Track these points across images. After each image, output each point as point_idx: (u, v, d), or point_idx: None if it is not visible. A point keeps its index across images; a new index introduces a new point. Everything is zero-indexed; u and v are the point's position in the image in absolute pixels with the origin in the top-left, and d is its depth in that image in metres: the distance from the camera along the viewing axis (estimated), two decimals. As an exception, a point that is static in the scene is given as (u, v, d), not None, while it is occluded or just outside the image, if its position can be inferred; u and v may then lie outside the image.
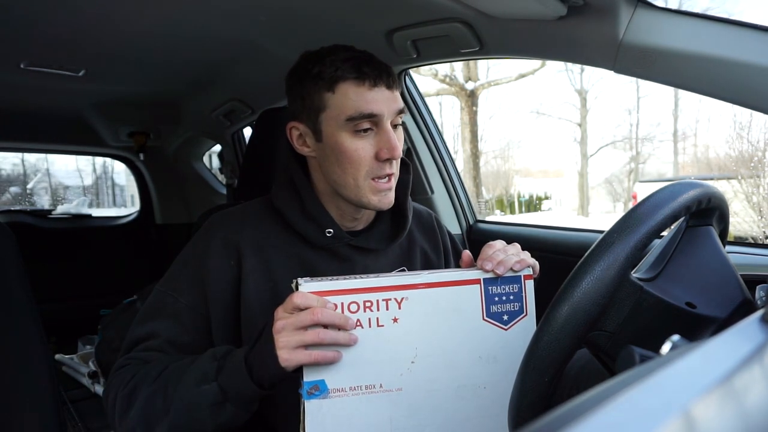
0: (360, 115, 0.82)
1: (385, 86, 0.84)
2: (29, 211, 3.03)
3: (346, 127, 0.83)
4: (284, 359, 0.69)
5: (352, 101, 0.82)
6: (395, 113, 0.85)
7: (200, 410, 0.74)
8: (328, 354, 0.70)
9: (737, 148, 4.84)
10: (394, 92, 0.85)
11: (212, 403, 0.74)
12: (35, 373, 0.95)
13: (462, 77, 10.21)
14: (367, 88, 0.82)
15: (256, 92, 2.00)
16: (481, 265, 0.78)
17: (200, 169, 3.00)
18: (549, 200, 16.75)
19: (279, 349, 0.69)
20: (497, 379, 0.76)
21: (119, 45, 1.54)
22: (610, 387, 0.30)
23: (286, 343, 0.69)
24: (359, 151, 0.84)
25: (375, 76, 0.83)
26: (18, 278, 0.99)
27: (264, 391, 0.73)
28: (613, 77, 9.00)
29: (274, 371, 0.70)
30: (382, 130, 0.84)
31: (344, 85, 0.83)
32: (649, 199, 0.59)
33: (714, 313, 0.61)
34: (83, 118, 2.42)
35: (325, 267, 0.91)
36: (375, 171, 0.85)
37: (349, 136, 0.84)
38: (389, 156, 0.84)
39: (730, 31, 0.89)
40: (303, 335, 0.68)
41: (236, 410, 0.74)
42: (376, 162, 0.85)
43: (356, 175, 0.85)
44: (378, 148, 0.84)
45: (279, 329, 0.70)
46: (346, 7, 1.24)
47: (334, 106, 0.83)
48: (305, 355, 0.69)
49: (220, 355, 0.77)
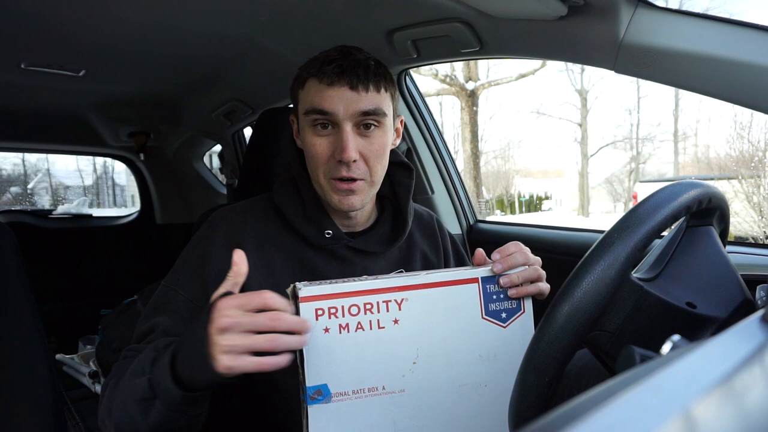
0: (313, 110, 0.84)
1: (347, 86, 0.83)
2: (30, 211, 3.04)
3: (305, 121, 0.86)
4: (226, 366, 0.59)
5: (310, 96, 0.85)
6: (356, 114, 0.84)
7: (130, 406, 0.67)
8: (281, 360, 0.61)
9: (738, 148, 4.85)
10: (360, 93, 0.83)
11: (140, 399, 0.66)
12: (35, 373, 0.95)
13: (462, 77, 10.22)
14: (325, 85, 0.83)
15: (256, 92, 2.00)
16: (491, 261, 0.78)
17: (200, 169, 3.00)
18: (549, 200, 16.76)
19: (220, 353, 0.59)
20: (498, 377, 0.76)
21: (119, 45, 1.54)
22: (610, 387, 0.30)
23: (231, 347, 0.59)
24: (316, 147, 0.85)
25: (335, 74, 0.83)
26: (18, 278, 0.99)
27: (190, 394, 0.64)
28: (613, 77, 9.00)
29: (207, 377, 0.61)
30: (339, 130, 0.84)
31: (309, 81, 0.86)
32: (650, 199, 0.59)
33: (714, 313, 0.61)
34: (84, 118, 2.42)
35: (324, 267, 0.91)
36: (332, 171, 0.85)
37: (310, 132, 0.86)
38: (339, 158, 0.83)
39: (730, 31, 0.89)
40: (255, 340, 0.59)
41: (167, 411, 0.65)
42: (333, 161, 0.85)
43: (317, 172, 0.87)
44: (333, 148, 0.85)
45: (224, 328, 0.60)
46: (346, 7, 1.24)
47: (301, 101, 0.88)
48: (252, 363, 0.60)
49: (162, 346, 0.70)
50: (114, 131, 2.59)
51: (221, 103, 2.15)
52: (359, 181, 0.86)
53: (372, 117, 0.85)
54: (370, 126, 0.85)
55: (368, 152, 0.85)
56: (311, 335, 0.69)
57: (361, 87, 0.83)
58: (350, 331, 0.70)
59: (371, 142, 0.86)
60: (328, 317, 0.69)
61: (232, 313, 0.60)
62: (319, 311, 0.69)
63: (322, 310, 0.69)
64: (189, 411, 0.67)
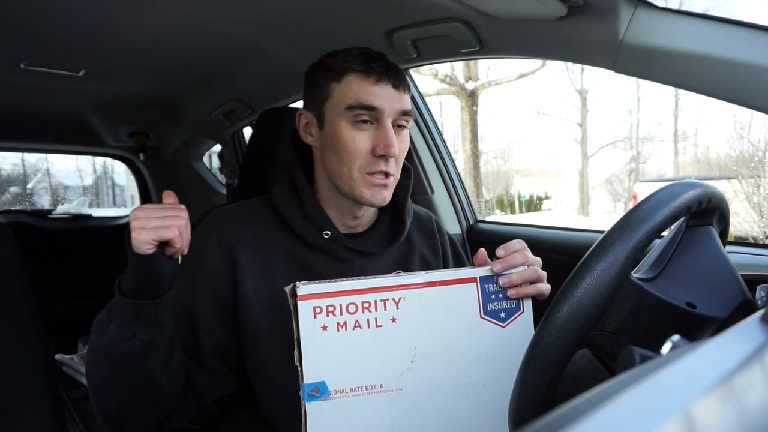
0: (359, 105, 0.84)
1: (390, 84, 0.85)
2: (29, 211, 3.03)
3: (345, 116, 0.85)
4: (137, 239, 0.69)
5: (354, 91, 0.84)
6: (398, 112, 0.86)
7: (92, 341, 0.75)
8: (171, 234, 0.71)
9: (737, 148, 4.85)
10: (401, 93, 0.87)
11: (98, 323, 0.75)
12: (35, 373, 0.95)
13: (462, 77, 10.22)
14: (371, 82, 0.84)
15: (256, 92, 2.00)
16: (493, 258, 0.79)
17: (200, 169, 3.00)
18: (549, 200, 16.75)
19: (134, 233, 0.69)
20: (497, 376, 0.76)
21: (119, 45, 1.54)
22: (610, 387, 0.30)
23: (141, 226, 0.69)
24: (355, 141, 0.85)
25: (381, 72, 0.85)
26: (18, 278, 0.99)
27: (133, 301, 0.72)
28: (613, 77, 9.00)
29: (134, 267, 0.71)
30: (382, 125, 0.85)
31: (350, 76, 0.85)
32: (650, 199, 0.59)
33: (714, 313, 0.61)
34: (83, 118, 2.42)
35: (322, 267, 0.91)
36: (370, 166, 0.86)
37: (348, 126, 0.86)
38: (384, 152, 0.84)
39: (730, 31, 0.89)
40: (164, 221, 0.70)
41: (117, 331, 0.73)
42: (371, 157, 0.85)
43: (351, 166, 0.86)
44: (375, 143, 0.85)
45: (137, 216, 0.70)
46: (346, 7, 1.24)
47: (338, 96, 0.86)
48: (154, 230, 0.70)
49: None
50: (114, 131, 2.59)
51: (221, 103, 2.14)
52: (391, 177, 0.88)
53: (405, 118, 0.88)
54: (402, 126, 0.89)
55: (400, 150, 0.87)
56: (310, 332, 0.69)
57: (401, 87, 0.87)
58: (348, 329, 0.71)
59: (402, 140, 0.89)
60: (326, 315, 0.70)
61: (142, 212, 0.71)
62: (317, 309, 0.70)
63: (320, 308, 0.70)
64: (138, 334, 0.73)
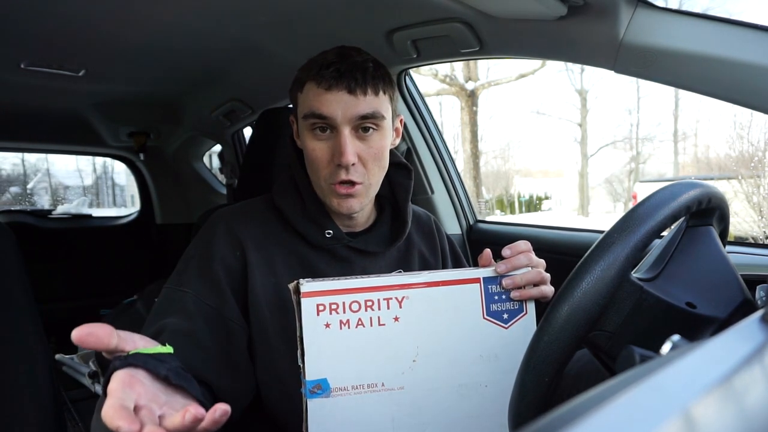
0: (312, 114, 0.84)
1: (345, 90, 0.83)
2: (29, 211, 3.03)
3: (304, 125, 0.87)
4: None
5: (309, 100, 0.85)
6: (355, 118, 0.84)
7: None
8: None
9: (737, 148, 4.85)
10: (358, 97, 0.83)
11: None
12: (35, 373, 0.95)
13: (462, 77, 10.22)
14: (323, 89, 0.83)
15: (256, 92, 2.00)
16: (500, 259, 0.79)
17: (200, 169, 3.00)
18: (549, 200, 16.75)
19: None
20: (499, 377, 0.76)
21: (119, 45, 1.54)
22: (610, 387, 0.30)
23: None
24: (316, 151, 0.86)
25: (333, 78, 0.83)
26: (18, 278, 0.99)
27: None
28: (613, 77, 9.01)
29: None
30: (337, 134, 0.84)
31: (307, 84, 0.86)
32: (649, 199, 0.59)
33: (714, 313, 0.61)
34: (83, 118, 2.42)
35: (324, 266, 0.91)
36: (332, 175, 0.85)
37: (309, 136, 0.86)
38: (338, 161, 0.83)
39: (730, 31, 0.89)
40: None
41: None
42: (333, 166, 0.85)
43: (317, 176, 0.87)
44: (332, 152, 0.85)
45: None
46: (345, 7, 1.24)
47: (300, 105, 0.88)
48: None
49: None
50: (114, 131, 2.59)
51: (221, 103, 2.14)
52: (358, 185, 0.86)
53: (370, 121, 0.85)
54: (368, 129, 0.86)
55: (366, 155, 0.86)
56: (312, 329, 0.70)
57: (359, 91, 0.83)
58: (351, 327, 0.71)
59: (369, 145, 0.86)
60: (329, 313, 0.70)
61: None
62: (320, 307, 0.70)
63: (324, 306, 0.70)
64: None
